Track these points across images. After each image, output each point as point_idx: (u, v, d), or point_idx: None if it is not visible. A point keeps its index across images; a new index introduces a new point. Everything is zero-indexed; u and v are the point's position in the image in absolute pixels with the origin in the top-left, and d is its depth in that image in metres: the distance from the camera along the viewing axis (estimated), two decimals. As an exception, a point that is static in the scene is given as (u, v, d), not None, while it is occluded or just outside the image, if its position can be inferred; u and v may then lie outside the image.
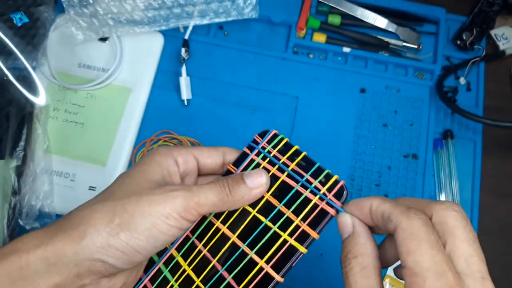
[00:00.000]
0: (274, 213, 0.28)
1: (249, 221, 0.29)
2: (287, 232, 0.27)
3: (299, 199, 0.28)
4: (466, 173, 0.50)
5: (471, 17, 0.55)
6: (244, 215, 0.29)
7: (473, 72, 0.54)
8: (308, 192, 0.28)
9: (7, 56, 0.48)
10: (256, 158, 0.31)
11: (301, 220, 0.27)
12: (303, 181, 0.28)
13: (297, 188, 0.28)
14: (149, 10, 0.50)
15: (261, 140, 0.32)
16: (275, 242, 0.27)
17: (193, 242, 0.30)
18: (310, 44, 0.54)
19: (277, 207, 0.28)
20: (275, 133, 0.32)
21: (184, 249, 0.30)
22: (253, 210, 0.29)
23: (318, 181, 0.28)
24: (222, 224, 0.29)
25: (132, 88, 0.51)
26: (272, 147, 0.31)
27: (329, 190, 0.27)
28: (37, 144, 0.48)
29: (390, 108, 0.53)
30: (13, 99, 0.47)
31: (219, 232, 0.29)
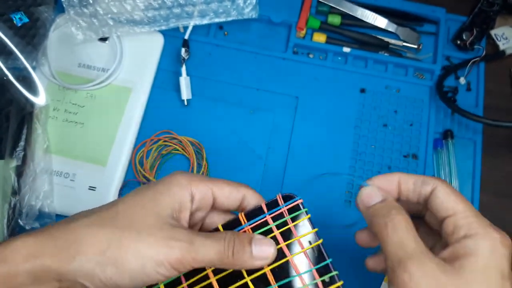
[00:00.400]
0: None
1: (239, 286, 0.28)
2: None
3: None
4: (466, 173, 0.50)
5: (471, 17, 0.55)
6: (236, 277, 0.28)
7: (473, 72, 0.54)
8: (307, 286, 0.27)
9: (7, 56, 0.48)
10: (271, 222, 0.29)
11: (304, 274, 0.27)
12: (306, 273, 0.27)
13: (298, 276, 0.27)
14: (149, 10, 0.50)
15: (283, 203, 0.29)
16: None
17: (180, 279, 0.29)
18: (310, 44, 0.54)
19: (271, 286, 0.27)
20: (299, 203, 0.30)
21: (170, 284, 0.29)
22: (247, 276, 0.28)
23: (321, 280, 0.27)
24: (213, 274, 0.28)
25: (132, 88, 0.51)
26: (291, 219, 0.29)
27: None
28: (37, 144, 0.48)
29: (390, 108, 0.53)
30: (13, 99, 0.47)
31: (206, 281, 0.28)
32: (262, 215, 0.29)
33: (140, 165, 0.49)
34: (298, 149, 0.51)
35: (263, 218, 0.29)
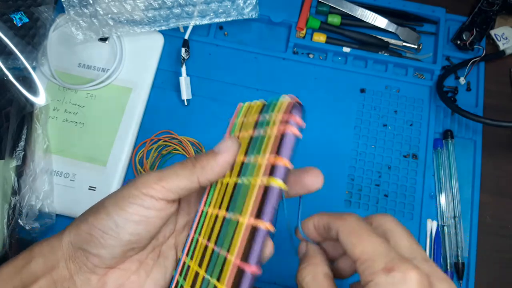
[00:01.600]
0: (244, 168, 0.25)
1: (232, 190, 0.26)
2: (259, 174, 0.23)
3: (258, 140, 0.25)
4: (466, 173, 0.50)
5: (471, 17, 0.55)
6: (228, 188, 0.27)
7: (473, 72, 0.54)
8: (265, 127, 0.25)
9: (7, 56, 0.48)
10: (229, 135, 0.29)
11: (266, 156, 0.24)
12: (263, 123, 0.25)
13: (256, 134, 0.25)
14: (149, 10, 0.50)
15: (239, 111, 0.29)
16: (249, 190, 0.24)
17: (197, 239, 0.28)
18: (310, 44, 0.54)
19: (245, 162, 0.25)
20: (239, 106, 0.30)
21: (191, 250, 0.28)
22: (232, 179, 0.26)
23: (271, 112, 0.25)
24: (217, 208, 0.27)
25: (132, 88, 0.51)
26: (241, 117, 0.29)
27: (284, 112, 0.24)
28: (37, 144, 0.48)
29: (390, 108, 0.53)
30: (13, 99, 0.47)
31: (212, 216, 0.27)
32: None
33: (140, 165, 0.49)
34: (298, 149, 0.50)
35: (226, 133, 0.30)
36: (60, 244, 0.28)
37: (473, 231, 0.48)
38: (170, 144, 0.50)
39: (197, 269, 0.26)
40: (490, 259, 0.48)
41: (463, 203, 0.49)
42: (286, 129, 0.24)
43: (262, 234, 0.22)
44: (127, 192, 0.27)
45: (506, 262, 0.48)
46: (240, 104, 0.30)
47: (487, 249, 0.48)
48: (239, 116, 0.29)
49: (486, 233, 0.49)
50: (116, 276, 0.28)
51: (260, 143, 0.24)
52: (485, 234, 0.49)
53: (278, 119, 0.24)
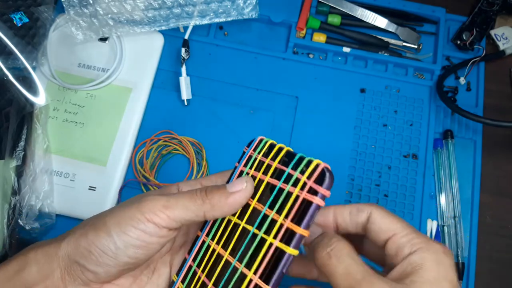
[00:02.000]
0: (260, 219, 0.26)
1: (238, 234, 0.26)
2: (272, 234, 0.24)
3: (281, 196, 0.25)
4: (466, 173, 0.50)
5: (471, 17, 0.55)
6: (234, 230, 0.27)
7: (473, 72, 0.54)
8: (290, 186, 0.25)
9: (7, 56, 0.48)
10: (245, 168, 0.28)
11: (284, 217, 0.24)
12: (285, 176, 0.26)
13: (280, 185, 0.25)
14: (149, 10, 0.50)
15: (248, 149, 0.29)
16: (261, 248, 0.24)
17: (192, 267, 0.28)
18: (310, 44, 0.54)
19: (262, 211, 0.26)
20: (260, 139, 0.29)
21: (188, 279, 0.28)
22: (241, 222, 0.27)
23: (299, 171, 0.25)
24: (217, 244, 0.28)
25: (132, 88, 0.51)
26: (258, 153, 0.28)
27: (309, 177, 0.24)
28: (37, 144, 0.48)
29: (390, 108, 0.53)
30: (13, 99, 0.47)
31: (214, 253, 0.28)
32: (235, 171, 0.29)
33: (140, 165, 0.49)
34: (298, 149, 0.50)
35: (237, 171, 0.29)
36: (57, 253, 0.27)
37: (473, 231, 0.48)
38: (170, 144, 0.50)
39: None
40: (490, 259, 0.48)
41: (463, 203, 0.49)
42: (313, 200, 0.24)
43: None
44: (131, 214, 0.26)
45: (506, 262, 0.48)
46: (261, 138, 0.29)
47: (487, 249, 0.48)
48: (257, 151, 0.28)
49: (486, 233, 0.49)
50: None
51: (283, 202, 0.25)
52: (485, 234, 0.49)
53: (307, 186, 0.24)
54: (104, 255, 0.26)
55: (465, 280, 0.47)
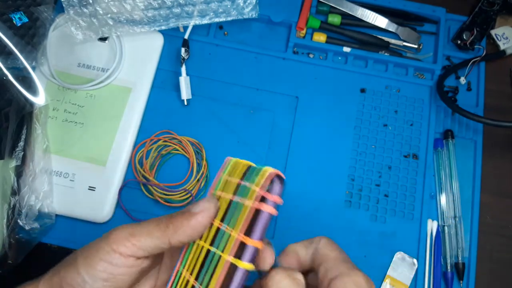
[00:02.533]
0: (219, 236, 0.25)
1: (203, 257, 0.25)
2: (227, 250, 0.23)
3: (236, 210, 0.24)
4: (467, 173, 0.50)
5: (471, 17, 0.55)
6: (201, 253, 0.26)
7: (474, 72, 0.54)
8: (244, 198, 0.24)
9: (7, 56, 0.47)
10: (213, 191, 0.27)
11: (239, 231, 0.23)
12: (241, 189, 0.24)
13: (237, 199, 0.24)
14: (148, 10, 0.50)
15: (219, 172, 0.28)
16: (217, 266, 0.23)
17: None
18: (310, 44, 0.54)
19: (220, 229, 0.25)
20: (227, 160, 0.28)
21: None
22: (206, 244, 0.26)
23: (252, 181, 0.24)
24: (187, 272, 0.26)
25: (132, 88, 0.51)
26: (224, 173, 0.27)
27: (262, 187, 0.23)
28: (37, 144, 0.48)
29: (390, 108, 0.52)
30: (12, 99, 0.47)
31: (185, 282, 0.26)
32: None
33: (140, 165, 0.49)
34: (298, 149, 0.51)
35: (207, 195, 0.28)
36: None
37: (473, 231, 0.48)
38: (170, 144, 0.50)
39: None
40: (490, 259, 0.48)
41: (464, 203, 0.49)
42: (262, 207, 0.23)
43: None
44: (98, 246, 0.26)
45: (506, 262, 0.48)
46: (228, 158, 0.28)
47: (488, 249, 0.48)
48: (224, 172, 0.27)
49: (486, 233, 0.49)
50: None
51: (236, 215, 0.24)
52: (486, 234, 0.49)
53: (255, 194, 0.23)
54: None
55: (465, 280, 0.47)
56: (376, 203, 0.49)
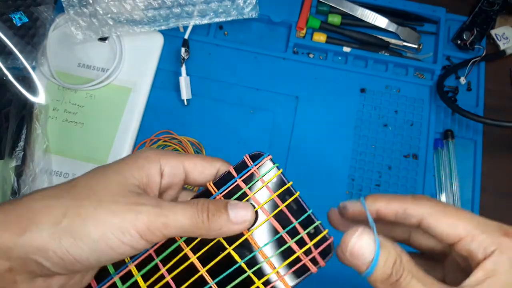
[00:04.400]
0: (252, 256, 0.26)
1: (222, 258, 0.26)
2: (262, 280, 0.25)
3: (282, 247, 0.25)
4: (467, 173, 0.50)
5: (471, 17, 0.55)
6: (218, 249, 0.26)
7: (474, 72, 0.54)
8: (293, 242, 0.25)
9: (7, 56, 0.48)
10: (243, 185, 0.27)
11: (278, 271, 0.25)
12: (290, 228, 0.26)
13: (282, 234, 0.26)
14: (148, 10, 0.50)
15: (252, 163, 0.27)
16: (247, 287, 0.25)
17: (157, 265, 0.26)
18: (310, 44, 0.54)
19: (255, 250, 0.26)
20: (269, 160, 0.27)
21: (146, 270, 0.26)
22: (228, 246, 0.26)
23: (306, 232, 0.25)
24: (192, 252, 0.26)
25: (132, 88, 0.51)
26: (263, 177, 0.27)
27: (315, 246, 0.25)
28: (37, 144, 0.48)
29: (390, 108, 0.52)
30: (12, 99, 0.47)
31: (187, 261, 0.26)
32: (232, 180, 0.27)
33: (140, 165, 0.49)
34: (298, 149, 0.51)
35: (234, 183, 0.27)
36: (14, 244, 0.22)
37: (473, 231, 0.48)
38: (170, 144, 0.50)
39: None
40: (490, 260, 0.48)
41: (464, 203, 0.49)
42: (311, 269, 0.25)
43: None
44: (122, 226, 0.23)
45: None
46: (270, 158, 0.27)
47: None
48: (263, 173, 0.27)
49: (486, 233, 0.49)
50: (63, 278, 0.25)
51: (282, 254, 0.26)
52: (486, 234, 0.49)
53: (312, 254, 0.25)
54: (78, 264, 0.23)
55: (465, 280, 0.47)
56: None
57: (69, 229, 0.23)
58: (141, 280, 0.26)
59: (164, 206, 0.24)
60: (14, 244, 0.22)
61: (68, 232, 0.22)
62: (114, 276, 0.26)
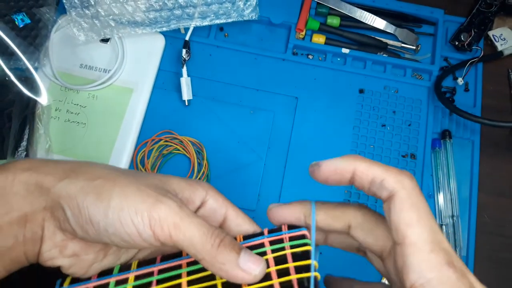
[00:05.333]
0: None
1: None
2: None
3: None
4: (464, 173, 0.51)
5: (469, 18, 0.56)
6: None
7: (471, 73, 0.55)
8: None
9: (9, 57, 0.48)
10: (268, 245, 0.26)
11: None
12: None
13: None
14: (150, 12, 0.51)
15: (286, 231, 0.26)
16: None
17: (151, 282, 0.26)
18: (309, 45, 0.54)
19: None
20: (303, 234, 0.26)
21: (140, 282, 0.26)
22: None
23: None
24: (187, 284, 0.25)
25: (133, 89, 0.51)
26: (290, 246, 0.25)
27: None
28: (39, 144, 0.48)
29: (388, 109, 0.53)
30: (15, 100, 0.47)
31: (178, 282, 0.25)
32: (260, 236, 0.26)
33: (141, 165, 0.50)
34: (298, 149, 0.51)
35: (259, 240, 0.26)
36: (51, 189, 0.24)
37: (471, 230, 0.49)
38: (171, 144, 0.50)
39: None
40: (488, 258, 0.49)
41: (461, 203, 0.50)
42: None
43: None
44: (138, 208, 0.23)
45: (504, 261, 0.49)
46: (305, 235, 0.26)
47: (485, 248, 0.49)
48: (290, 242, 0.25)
49: (484, 233, 0.49)
50: (79, 246, 0.26)
51: None
52: (483, 234, 0.49)
53: None
54: (90, 225, 0.24)
55: (463, 278, 0.47)
56: (375, 202, 0.49)
57: (98, 189, 0.24)
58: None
59: (185, 210, 0.24)
60: (53, 186, 0.24)
61: (96, 191, 0.24)
62: (111, 277, 0.26)
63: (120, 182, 0.24)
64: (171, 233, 0.23)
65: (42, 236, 0.25)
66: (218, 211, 0.28)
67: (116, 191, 0.24)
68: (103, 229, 0.24)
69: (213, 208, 0.28)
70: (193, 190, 0.27)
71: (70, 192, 0.24)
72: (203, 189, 0.28)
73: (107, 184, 0.24)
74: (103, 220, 0.23)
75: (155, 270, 0.26)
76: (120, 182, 0.24)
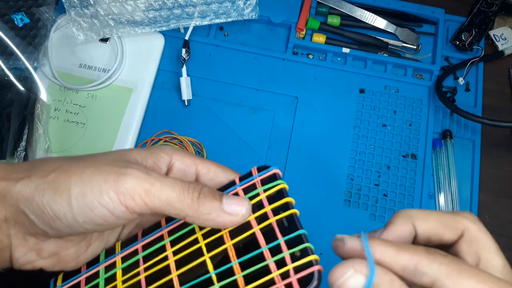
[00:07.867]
0: (225, 269, 0.23)
1: (196, 264, 0.24)
2: None
3: (258, 265, 0.22)
4: (465, 173, 0.51)
5: (470, 18, 0.56)
6: (195, 255, 0.24)
7: (472, 72, 0.55)
8: (272, 261, 0.22)
9: (8, 57, 0.48)
10: (242, 194, 0.25)
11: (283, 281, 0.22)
12: (273, 245, 0.23)
13: (263, 250, 0.23)
14: (149, 11, 0.50)
15: (257, 174, 0.26)
16: None
17: (138, 260, 0.26)
18: (309, 44, 0.54)
19: (230, 263, 0.23)
20: (274, 173, 0.25)
21: (128, 263, 0.26)
22: (206, 254, 0.24)
23: (289, 252, 0.22)
24: (172, 254, 0.25)
25: (133, 89, 0.51)
26: (264, 190, 0.25)
27: (296, 270, 0.21)
28: (38, 144, 0.48)
29: (389, 108, 0.53)
30: (14, 99, 0.47)
31: (164, 262, 0.25)
32: (233, 187, 0.25)
33: (140, 165, 0.49)
34: (298, 149, 0.51)
35: (233, 190, 0.25)
36: (9, 192, 0.23)
37: (471, 230, 0.49)
38: (170, 144, 0.50)
39: None
40: (488, 259, 0.48)
41: (462, 203, 0.49)
42: None
43: None
44: (102, 188, 0.22)
45: (504, 261, 0.49)
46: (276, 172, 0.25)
47: (486, 248, 0.49)
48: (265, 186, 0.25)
49: (484, 233, 0.49)
50: (55, 245, 0.25)
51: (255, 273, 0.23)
52: (484, 234, 0.49)
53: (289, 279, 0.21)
54: (58, 221, 0.23)
55: (463, 279, 0.47)
56: (375, 203, 0.49)
57: (53, 183, 0.23)
58: (120, 273, 0.26)
59: (153, 175, 0.23)
60: (9, 192, 0.23)
61: (51, 186, 0.23)
62: (99, 265, 0.26)
63: (76, 170, 0.23)
64: (145, 201, 0.22)
65: (11, 244, 0.24)
66: (188, 171, 0.27)
67: (73, 180, 0.23)
68: (73, 220, 0.23)
69: (182, 170, 0.27)
70: (156, 157, 0.26)
71: (26, 194, 0.23)
72: (166, 154, 0.26)
73: (62, 175, 0.23)
74: (69, 212, 0.22)
75: (139, 247, 0.26)
76: (76, 169, 0.23)
